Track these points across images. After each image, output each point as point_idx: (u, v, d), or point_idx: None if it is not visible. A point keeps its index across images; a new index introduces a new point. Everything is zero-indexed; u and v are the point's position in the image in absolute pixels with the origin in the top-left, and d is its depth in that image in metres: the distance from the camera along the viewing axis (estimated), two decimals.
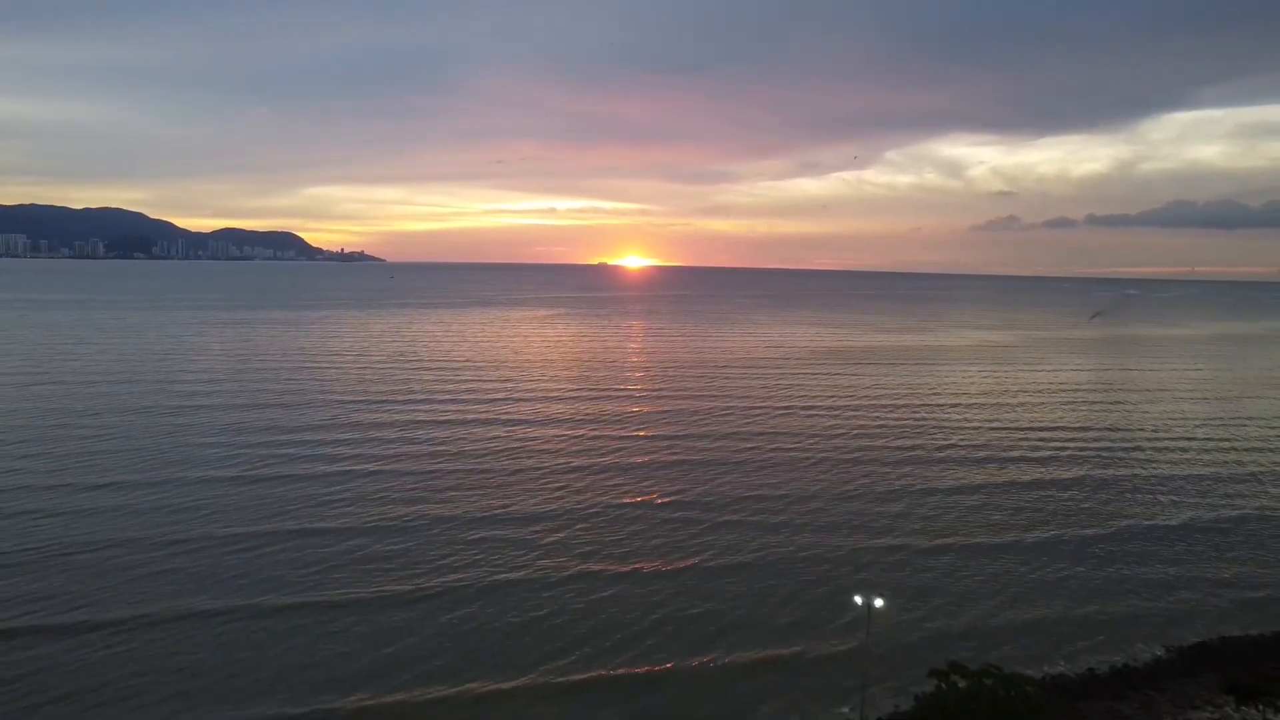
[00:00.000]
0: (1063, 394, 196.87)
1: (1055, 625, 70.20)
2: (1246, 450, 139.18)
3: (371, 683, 58.45)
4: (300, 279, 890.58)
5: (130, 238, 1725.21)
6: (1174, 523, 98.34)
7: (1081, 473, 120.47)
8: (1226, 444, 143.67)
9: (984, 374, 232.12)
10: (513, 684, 58.68)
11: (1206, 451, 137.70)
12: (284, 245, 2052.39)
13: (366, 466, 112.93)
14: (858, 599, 51.11)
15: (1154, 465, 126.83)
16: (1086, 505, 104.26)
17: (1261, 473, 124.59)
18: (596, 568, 79.54)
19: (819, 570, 79.71)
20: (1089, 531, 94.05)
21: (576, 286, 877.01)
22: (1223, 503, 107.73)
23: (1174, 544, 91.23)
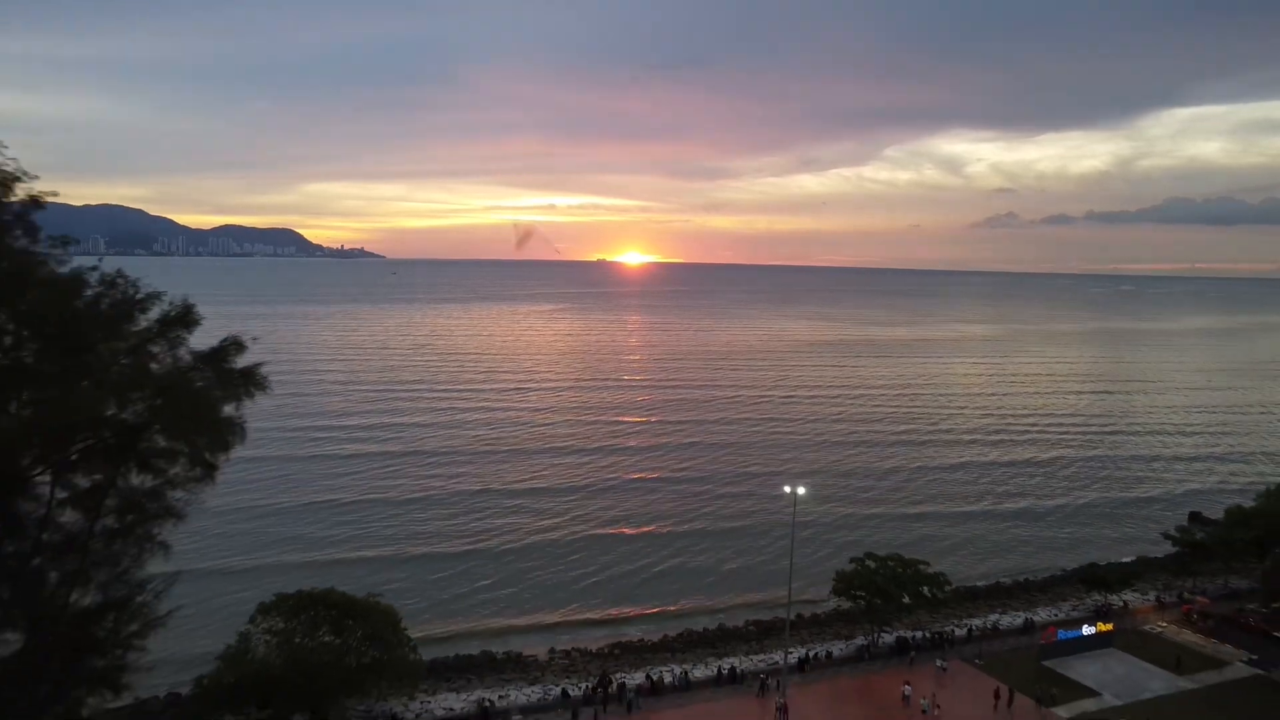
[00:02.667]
0: (1047, 383, 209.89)
1: (1003, 572, 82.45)
2: (1210, 434, 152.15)
3: (431, 611, 70.79)
4: (304, 275, 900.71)
5: (130, 234, 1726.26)
6: (1136, 495, 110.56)
7: (1058, 454, 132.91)
8: (1192, 429, 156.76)
9: (975, 365, 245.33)
10: (553, 617, 71.18)
11: (1174, 434, 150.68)
12: (284, 242, 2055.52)
13: (405, 447, 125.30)
14: (786, 488, 61.30)
15: (1125, 447, 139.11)
16: (1059, 481, 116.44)
17: (1218, 454, 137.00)
18: (617, 530, 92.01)
19: (810, 533, 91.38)
20: (1054, 502, 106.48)
21: (579, 283, 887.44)
22: (1181, 479, 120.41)
23: (1130, 512, 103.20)
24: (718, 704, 54.06)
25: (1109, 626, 62.05)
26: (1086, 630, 61.02)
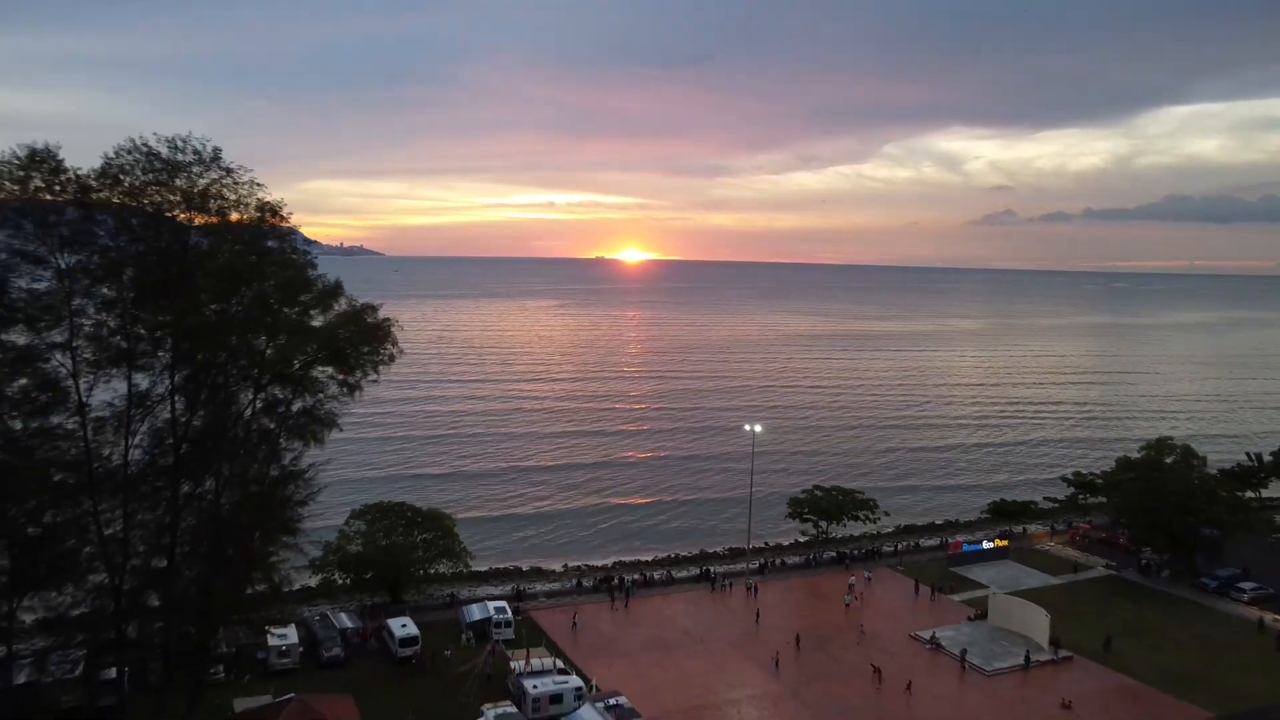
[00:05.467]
0: (1027, 373, 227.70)
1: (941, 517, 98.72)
2: (1173, 420, 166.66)
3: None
4: None
5: None
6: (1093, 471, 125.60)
7: (1032, 436, 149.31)
8: (1158, 415, 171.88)
9: (961, 357, 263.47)
10: (571, 553, 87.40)
11: (1141, 420, 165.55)
12: None
13: (439, 431, 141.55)
14: (746, 426, 75.27)
15: (1094, 430, 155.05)
16: (1030, 461, 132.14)
17: (1177, 438, 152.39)
18: (626, 501, 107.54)
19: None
20: (1023, 477, 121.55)
21: (579, 280, 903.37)
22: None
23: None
24: (694, 594, 70.89)
25: (1005, 543, 78.90)
26: (986, 545, 77.85)
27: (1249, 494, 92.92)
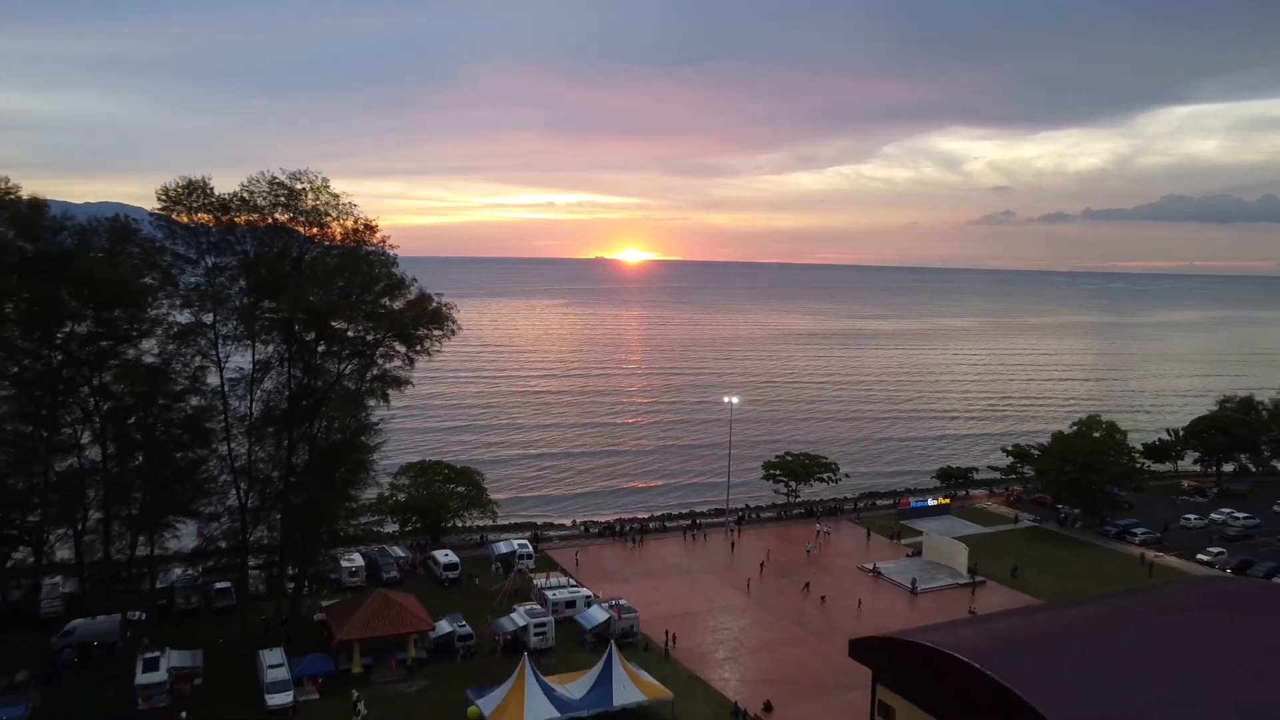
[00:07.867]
0: (1008, 369, 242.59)
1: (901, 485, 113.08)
2: (1150, 413, 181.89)
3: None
4: None
5: None
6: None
7: (1004, 427, 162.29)
8: (1136, 408, 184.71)
9: (953, 354, 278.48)
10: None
11: (1092, 411, 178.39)
12: None
13: (458, 422, 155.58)
14: (725, 398, 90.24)
15: (1052, 419, 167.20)
16: (992, 439, 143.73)
17: (1151, 429, 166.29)
18: (632, 484, 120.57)
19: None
20: (981, 455, 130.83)
21: (581, 279, 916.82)
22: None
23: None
24: (681, 539, 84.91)
25: (947, 500, 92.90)
26: (930, 502, 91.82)
27: (1166, 465, 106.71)
